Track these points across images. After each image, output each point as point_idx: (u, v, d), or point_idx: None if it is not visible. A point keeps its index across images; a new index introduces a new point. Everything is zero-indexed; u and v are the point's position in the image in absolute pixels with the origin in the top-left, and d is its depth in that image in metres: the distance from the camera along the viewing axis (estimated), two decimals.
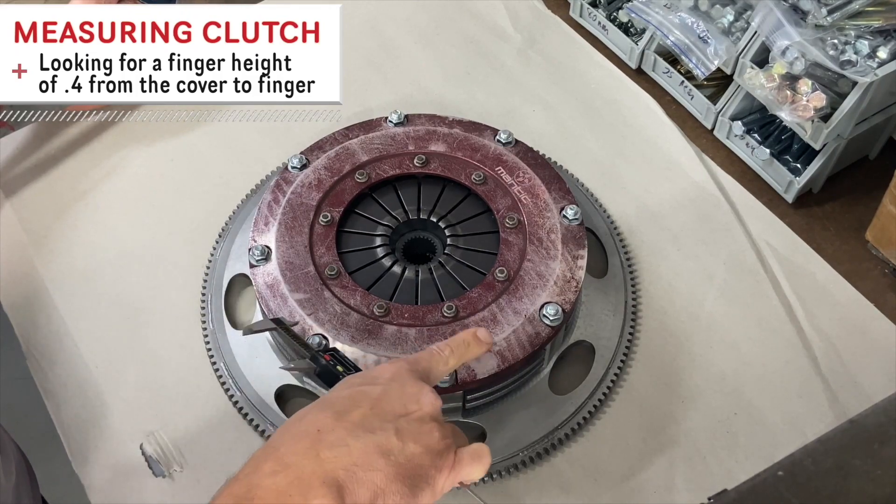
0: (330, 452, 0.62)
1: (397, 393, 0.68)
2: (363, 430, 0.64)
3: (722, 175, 1.19)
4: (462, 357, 0.76)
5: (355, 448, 0.62)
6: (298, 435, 0.63)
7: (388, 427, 0.65)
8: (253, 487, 0.60)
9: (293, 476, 0.60)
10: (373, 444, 0.63)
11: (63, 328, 1.03)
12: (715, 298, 1.06)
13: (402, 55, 1.36)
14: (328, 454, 0.62)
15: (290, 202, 1.00)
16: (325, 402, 0.67)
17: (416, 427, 0.66)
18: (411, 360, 0.72)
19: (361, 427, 0.64)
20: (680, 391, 0.98)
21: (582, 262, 0.95)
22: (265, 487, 0.60)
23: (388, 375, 0.69)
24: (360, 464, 0.62)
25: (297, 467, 0.61)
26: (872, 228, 1.09)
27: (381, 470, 0.62)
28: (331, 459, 0.61)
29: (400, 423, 0.65)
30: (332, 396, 0.68)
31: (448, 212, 1.03)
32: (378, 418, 0.65)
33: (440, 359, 0.74)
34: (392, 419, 0.65)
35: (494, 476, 0.90)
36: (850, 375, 0.99)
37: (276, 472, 0.61)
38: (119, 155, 1.21)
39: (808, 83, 1.07)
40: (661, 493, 0.90)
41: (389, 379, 0.69)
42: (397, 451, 0.64)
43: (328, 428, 0.63)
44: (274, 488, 0.60)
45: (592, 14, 1.38)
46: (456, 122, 1.09)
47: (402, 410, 0.67)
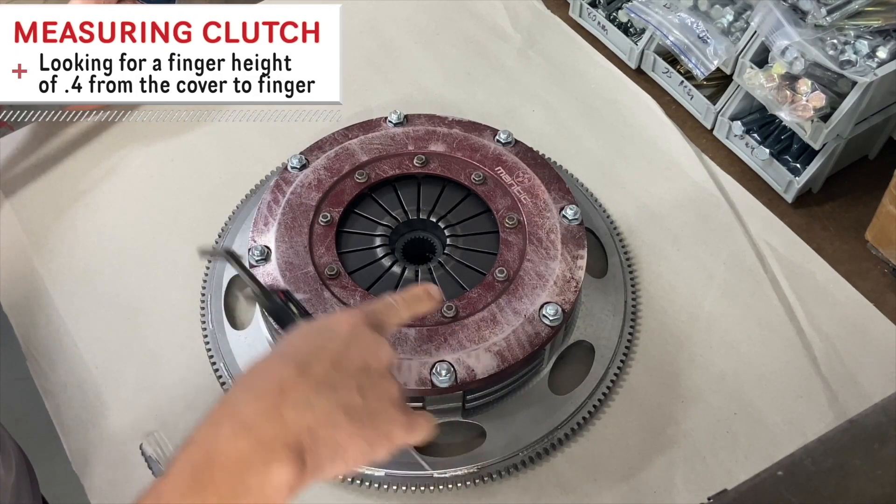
0: (294, 412, 0.60)
1: (357, 347, 0.66)
2: (327, 387, 0.62)
3: (721, 175, 1.19)
4: (413, 311, 0.75)
5: (319, 407, 0.61)
6: (261, 392, 0.61)
7: (350, 383, 0.63)
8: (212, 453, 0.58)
9: (254, 440, 0.58)
10: (336, 402, 0.62)
11: (63, 328, 1.03)
12: (715, 298, 1.06)
13: (402, 55, 1.36)
14: (292, 414, 0.60)
15: (290, 202, 1.00)
16: (286, 353, 0.66)
17: (376, 382, 0.65)
18: (367, 311, 0.71)
19: (325, 384, 0.62)
20: (680, 391, 0.98)
21: (582, 262, 0.95)
22: (225, 454, 0.57)
23: (347, 327, 0.68)
24: (323, 423, 0.61)
25: (259, 430, 0.59)
26: (872, 228, 1.09)
27: (343, 428, 0.61)
28: (294, 420, 0.60)
29: (361, 379, 0.64)
30: (292, 347, 0.67)
31: (448, 212, 1.03)
32: (340, 374, 0.64)
33: (394, 311, 0.73)
34: (354, 374, 0.64)
35: (494, 476, 0.90)
36: (849, 375, 0.99)
37: (237, 435, 0.58)
38: (119, 155, 1.21)
39: (808, 83, 1.07)
40: (660, 493, 0.90)
41: (349, 332, 0.67)
42: (359, 408, 0.63)
43: (291, 385, 0.61)
44: (235, 455, 0.57)
45: (592, 14, 1.39)
46: (455, 122, 1.09)
47: (363, 365, 0.66)
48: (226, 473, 0.57)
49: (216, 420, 0.60)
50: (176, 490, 0.57)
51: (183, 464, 0.58)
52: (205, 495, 0.56)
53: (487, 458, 0.90)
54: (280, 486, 0.58)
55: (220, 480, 0.57)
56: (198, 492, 0.56)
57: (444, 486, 0.89)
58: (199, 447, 0.59)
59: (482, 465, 0.90)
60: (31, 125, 1.22)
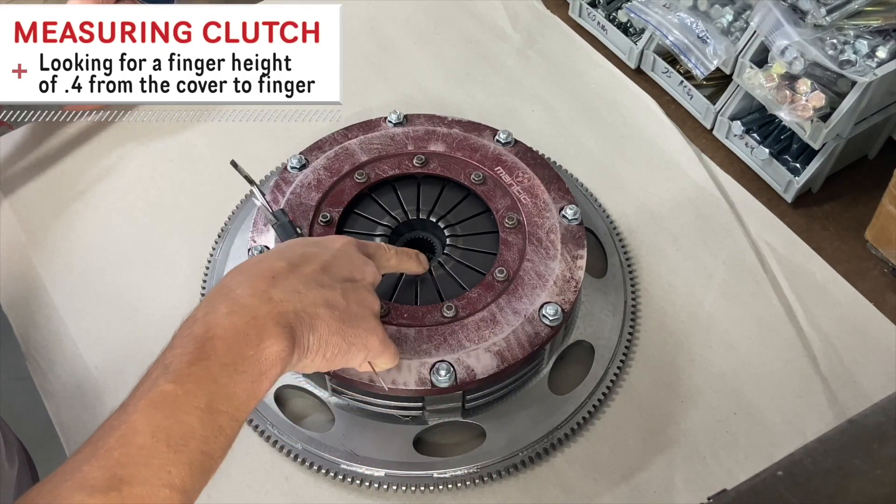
0: (283, 295, 0.66)
1: (346, 261, 0.74)
2: (314, 283, 0.69)
3: (721, 175, 1.19)
4: (402, 264, 0.85)
5: (306, 296, 0.67)
6: (254, 277, 0.67)
7: (335, 286, 0.70)
8: (211, 327, 0.63)
9: (249, 316, 0.64)
10: (321, 296, 0.68)
11: (62, 328, 1.03)
12: (714, 298, 1.06)
13: (402, 55, 1.36)
14: (281, 296, 0.66)
15: (290, 202, 1.00)
16: (280, 253, 0.72)
17: (360, 292, 0.73)
18: (359, 241, 0.80)
19: (313, 280, 0.69)
20: (679, 391, 0.98)
21: (581, 261, 0.95)
22: (224, 327, 0.63)
23: (339, 245, 0.76)
24: (308, 311, 0.67)
25: (252, 308, 0.65)
26: (872, 228, 1.10)
27: (325, 320, 0.67)
28: (283, 302, 0.66)
29: (346, 286, 0.71)
30: (286, 250, 0.74)
31: (447, 212, 1.03)
32: (328, 276, 0.71)
33: (384, 253, 0.82)
34: (340, 280, 0.71)
35: (494, 476, 0.90)
36: (849, 375, 0.99)
37: (233, 311, 0.64)
38: (118, 155, 1.21)
39: (808, 83, 1.07)
40: (660, 492, 0.90)
41: (340, 248, 0.75)
42: (342, 308, 0.69)
43: (282, 275, 0.68)
44: (232, 327, 0.63)
45: (591, 14, 1.39)
46: (455, 122, 1.09)
47: (349, 276, 0.73)
48: (225, 344, 0.63)
49: (213, 300, 0.66)
50: (181, 359, 0.62)
51: (185, 338, 0.64)
52: (208, 364, 0.62)
53: (487, 458, 0.90)
54: (274, 359, 0.64)
55: (220, 350, 0.62)
56: (201, 360, 0.62)
57: (444, 486, 0.89)
58: (199, 323, 0.64)
59: (482, 465, 0.90)
60: (29, 124, 1.21)
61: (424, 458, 0.91)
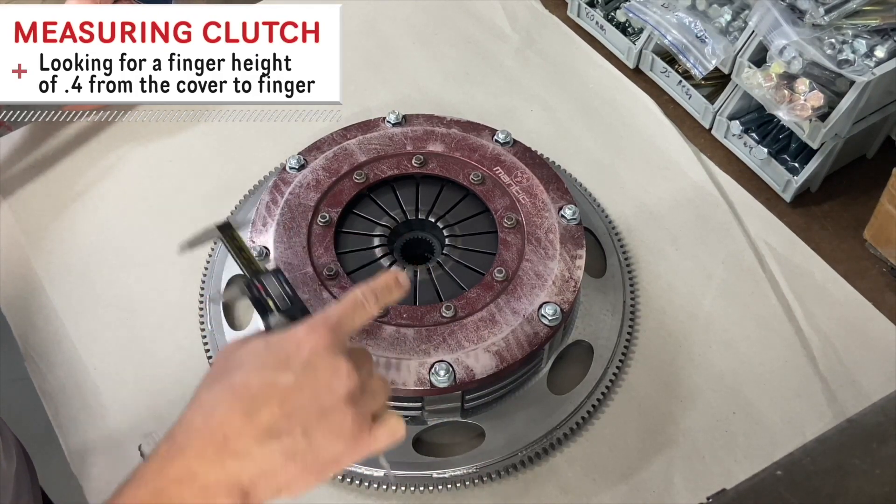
0: (235, 462, 0.63)
1: (310, 381, 0.66)
2: (269, 436, 0.64)
3: (720, 174, 1.20)
4: (384, 302, 0.74)
5: (260, 457, 0.63)
6: (206, 438, 0.64)
7: (295, 429, 0.64)
8: (159, 493, 0.62)
9: (198, 486, 0.62)
10: (279, 451, 0.64)
11: (61, 329, 1.03)
12: (713, 298, 1.06)
13: (401, 55, 1.36)
14: (233, 465, 0.63)
15: (289, 203, 1.00)
16: (236, 392, 0.66)
17: (327, 421, 0.65)
18: (333, 323, 0.69)
19: (268, 433, 0.64)
20: (679, 391, 0.98)
21: (580, 261, 0.95)
22: (172, 496, 0.62)
23: (305, 355, 0.66)
24: (265, 471, 0.64)
25: (203, 476, 0.63)
26: (870, 227, 1.10)
27: (282, 473, 0.64)
28: (235, 470, 0.63)
29: (308, 421, 0.65)
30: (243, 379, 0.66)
31: (446, 212, 1.03)
32: (287, 418, 0.64)
33: (362, 311, 0.72)
34: (301, 417, 0.65)
35: (493, 476, 0.90)
36: (848, 374, 0.99)
37: (182, 480, 0.62)
38: (117, 155, 1.21)
39: (806, 82, 1.07)
40: (659, 492, 0.90)
41: (305, 361, 0.66)
42: (303, 451, 0.64)
43: (235, 433, 0.64)
44: (179, 499, 0.62)
45: (590, 14, 1.39)
46: (454, 122, 1.09)
47: (313, 403, 0.65)
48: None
49: (165, 457, 0.64)
50: None
51: (130, 499, 0.62)
52: None
53: (486, 458, 0.90)
54: None
55: None
56: None
57: (443, 486, 0.89)
58: (148, 487, 0.63)
59: (481, 465, 0.90)
60: (29, 125, 1.21)
61: (424, 458, 0.91)
